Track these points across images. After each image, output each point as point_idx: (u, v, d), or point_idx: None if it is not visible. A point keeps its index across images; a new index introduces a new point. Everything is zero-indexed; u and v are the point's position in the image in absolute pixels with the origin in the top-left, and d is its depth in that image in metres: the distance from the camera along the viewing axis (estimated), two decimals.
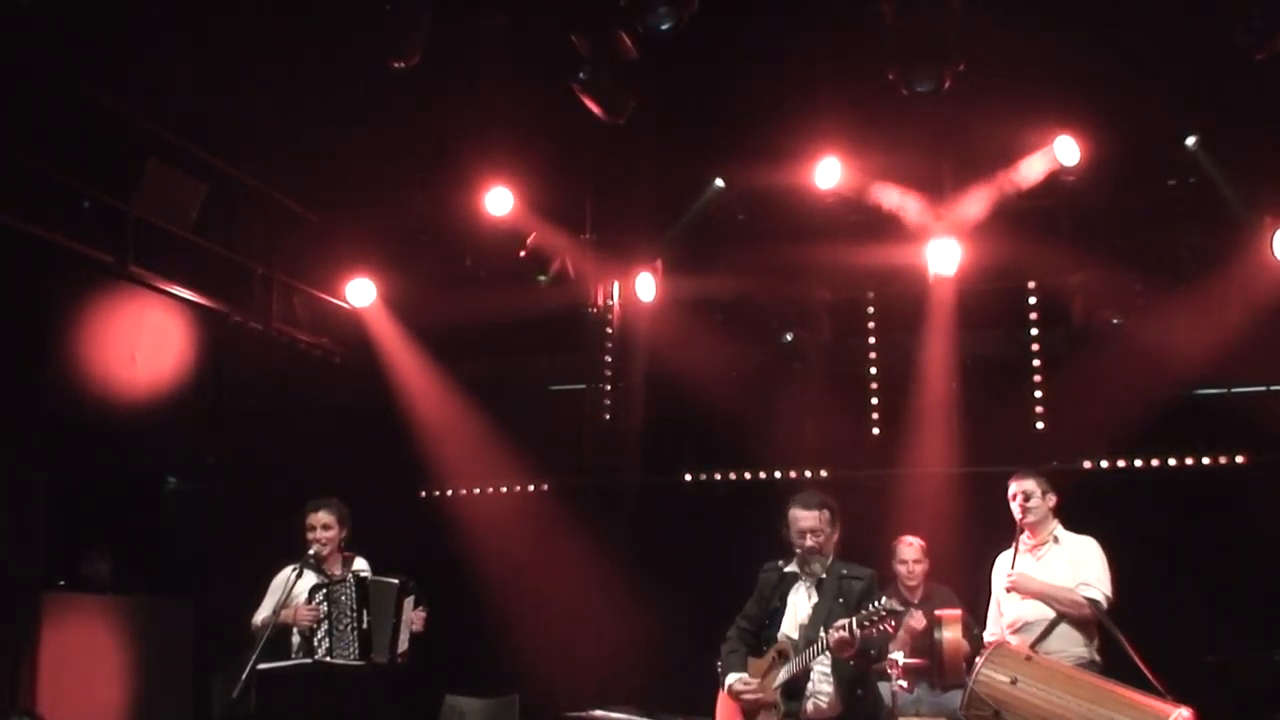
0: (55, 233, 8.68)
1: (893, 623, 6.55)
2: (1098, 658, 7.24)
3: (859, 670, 6.74)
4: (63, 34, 8.60)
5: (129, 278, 9.33)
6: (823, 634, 6.56)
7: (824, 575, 6.87)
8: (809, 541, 6.88)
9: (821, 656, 6.68)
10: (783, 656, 6.82)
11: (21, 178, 8.49)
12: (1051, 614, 7.27)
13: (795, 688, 6.77)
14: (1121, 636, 7.08)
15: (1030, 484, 7.50)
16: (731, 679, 6.99)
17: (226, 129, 9.90)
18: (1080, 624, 7.25)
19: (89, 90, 8.87)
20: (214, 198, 9.97)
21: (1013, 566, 7.47)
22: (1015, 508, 7.49)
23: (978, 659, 6.97)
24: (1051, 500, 7.52)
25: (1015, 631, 7.36)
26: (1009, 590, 7.44)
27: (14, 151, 8.42)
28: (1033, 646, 7.19)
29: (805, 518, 6.91)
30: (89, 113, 8.96)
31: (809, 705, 6.75)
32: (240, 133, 10.01)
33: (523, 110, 9.97)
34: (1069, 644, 7.22)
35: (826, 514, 6.93)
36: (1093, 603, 7.19)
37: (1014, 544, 7.53)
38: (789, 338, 11.10)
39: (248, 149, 10.19)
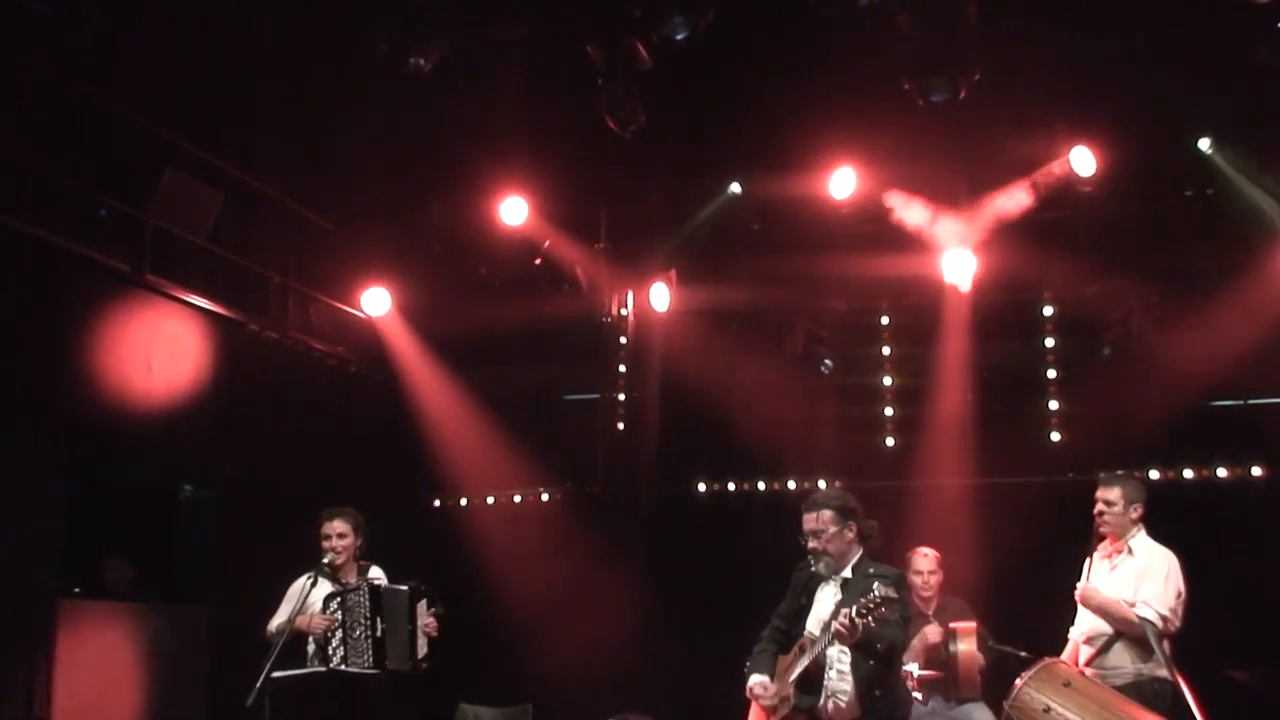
0: (72, 241, 8.71)
1: (885, 611, 6.46)
2: (1160, 673, 7.03)
3: (877, 670, 6.69)
4: (80, 43, 8.63)
5: (145, 286, 9.36)
6: (834, 624, 6.52)
7: (850, 575, 6.85)
8: (810, 543, 6.89)
9: (839, 652, 6.63)
10: (801, 651, 6.81)
11: (39, 186, 8.52)
12: (1110, 629, 7.19)
13: (810, 681, 6.72)
14: (1167, 658, 6.98)
15: (1114, 492, 7.36)
16: (752, 682, 6.98)
17: (243, 138, 9.94)
18: (1138, 641, 7.10)
19: (106, 99, 8.90)
20: (230, 207, 9.99)
21: (1088, 573, 7.39)
22: (1096, 513, 7.42)
23: (1018, 680, 6.88)
24: (1136, 511, 7.34)
25: (1086, 643, 7.30)
26: (1079, 601, 7.38)
27: (32, 160, 8.45)
28: (1091, 661, 7.16)
29: (805, 520, 6.91)
30: (106, 122, 8.98)
31: (829, 705, 6.70)
32: (257, 142, 10.04)
33: (538, 120, 9.99)
34: (1124, 660, 7.12)
35: (828, 514, 6.87)
36: (1145, 621, 7.04)
37: (1092, 549, 7.44)
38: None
39: (264, 158, 10.22)
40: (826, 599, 6.88)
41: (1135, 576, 7.22)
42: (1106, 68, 9.24)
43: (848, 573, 6.85)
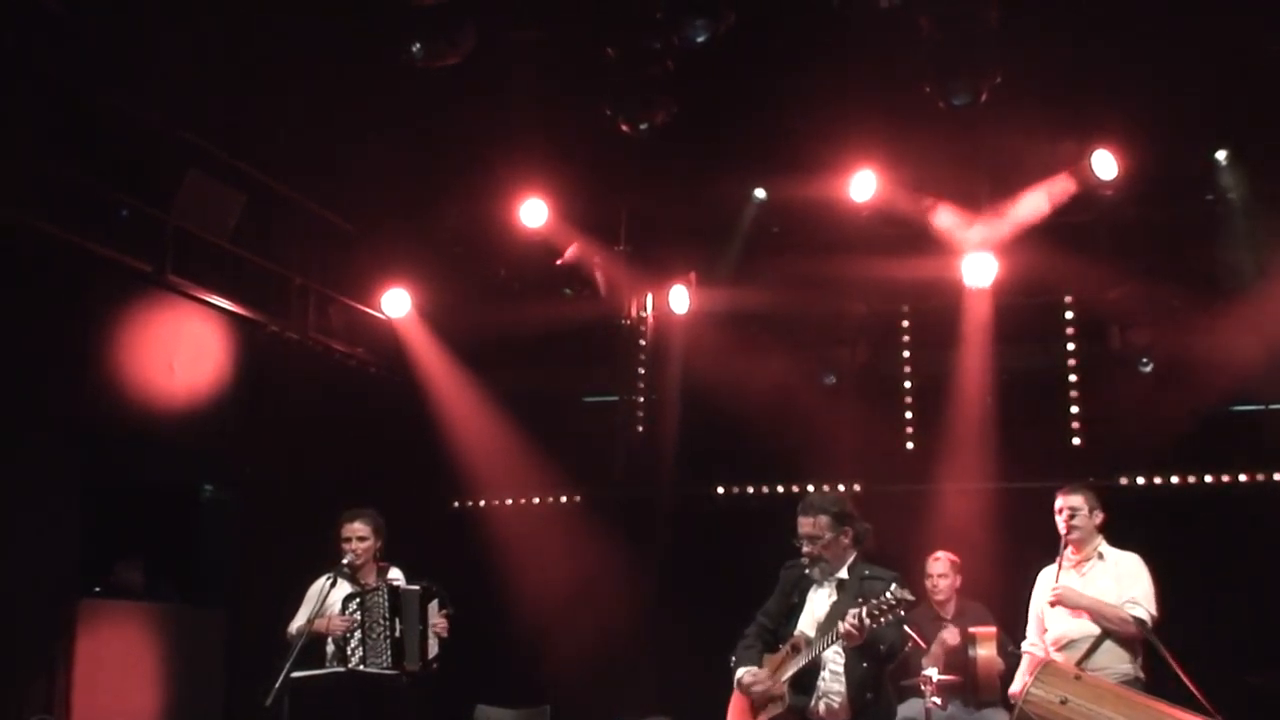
0: (94, 242, 8.74)
1: (902, 611, 6.44)
2: (1142, 675, 7.14)
3: (871, 672, 6.66)
4: (101, 46, 8.66)
5: (167, 287, 9.39)
6: (838, 625, 6.49)
7: (846, 576, 6.82)
8: (806, 547, 6.85)
9: (834, 652, 6.60)
10: (796, 651, 6.77)
11: (61, 187, 8.56)
12: (1096, 630, 7.16)
13: (804, 681, 6.69)
14: (1168, 654, 7.00)
15: (1077, 499, 7.40)
16: (741, 672, 6.96)
17: (264, 140, 9.97)
18: (1126, 641, 7.13)
19: (128, 101, 8.93)
20: (252, 208, 10.02)
21: (1056, 582, 7.40)
22: (1060, 523, 7.40)
23: (1027, 678, 6.89)
24: (1098, 517, 7.40)
25: (1060, 649, 7.26)
26: (1054, 604, 7.35)
27: (53, 161, 8.48)
28: (1078, 663, 7.12)
29: (801, 524, 6.86)
30: (128, 123, 9.02)
31: (821, 706, 6.66)
32: (278, 144, 10.07)
33: (558, 122, 10.00)
34: (1115, 661, 7.12)
35: (825, 520, 6.81)
36: (1138, 620, 7.09)
37: (1058, 559, 7.45)
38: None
39: (285, 160, 10.25)
40: (821, 600, 6.85)
41: (1116, 580, 7.25)
42: (1128, 70, 9.21)
43: (843, 574, 6.82)
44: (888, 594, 6.32)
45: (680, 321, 11.64)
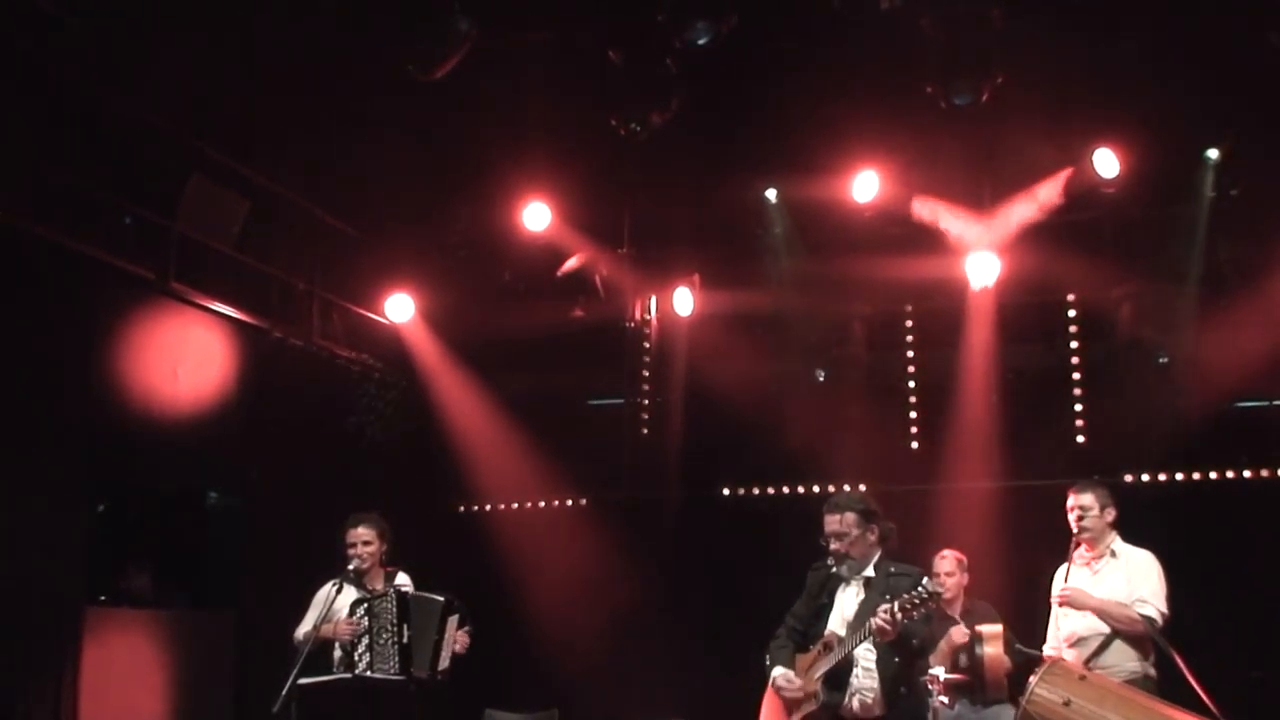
0: (98, 249, 8.74)
1: (933, 605, 6.50)
2: (1153, 673, 7.15)
3: (902, 667, 6.71)
4: (105, 51, 8.67)
5: (171, 294, 9.39)
6: (868, 622, 6.53)
7: (873, 574, 6.86)
8: (833, 545, 6.89)
9: (865, 649, 6.65)
10: (828, 649, 6.82)
11: (64, 194, 8.55)
12: (1106, 628, 7.19)
13: (837, 679, 6.75)
14: (1175, 654, 7.00)
15: (1088, 498, 7.41)
16: (776, 673, 7.03)
17: (268, 145, 9.98)
18: (1135, 640, 7.15)
19: (132, 107, 8.94)
20: (256, 214, 10.02)
21: (1066, 580, 7.41)
22: (1071, 520, 7.42)
23: (1031, 678, 6.89)
24: (1110, 515, 7.41)
25: (1071, 646, 7.29)
26: (1061, 605, 7.37)
27: (57, 168, 8.48)
28: (1088, 661, 7.14)
29: (828, 522, 6.94)
30: (132, 129, 9.02)
31: (854, 702, 6.72)
32: (281, 149, 10.08)
33: (561, 125, 10.01)
34: (1124, 659, 7.14)
35: (852, 517, 6.89)
36: (1147, 619, 7.09)
37: (1070, 557, 7.45)
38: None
39: (289, 165, 10.26)
40: (849, 599, 6.91)
41: (1126, 579, 7.27)
42: (1130, 69, 9.21)
43: (869, 572, 6.88)
44: (919, 588, 6.39)
45: (684, 323, 11.64)
